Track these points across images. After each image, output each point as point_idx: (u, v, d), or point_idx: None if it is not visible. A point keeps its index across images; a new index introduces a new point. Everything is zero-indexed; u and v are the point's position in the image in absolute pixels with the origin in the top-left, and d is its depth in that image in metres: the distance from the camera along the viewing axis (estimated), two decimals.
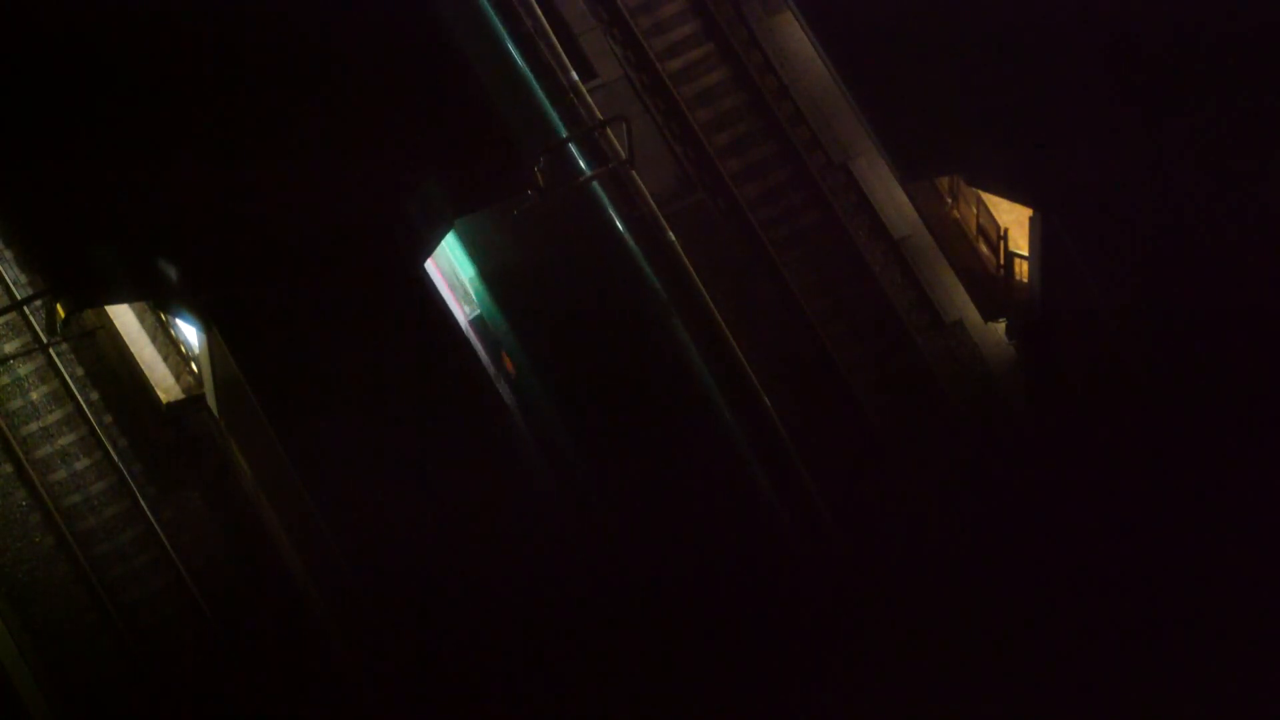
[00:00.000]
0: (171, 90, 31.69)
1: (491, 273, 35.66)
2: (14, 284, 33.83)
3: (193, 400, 33.52)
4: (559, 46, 36.74)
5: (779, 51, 37.37)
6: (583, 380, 35.45)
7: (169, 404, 33.47)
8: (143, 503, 32.77)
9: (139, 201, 30.93)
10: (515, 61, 36.44)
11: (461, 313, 35.72)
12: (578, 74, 36.73)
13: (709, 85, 37.28)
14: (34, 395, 33.30)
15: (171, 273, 30.79)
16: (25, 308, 33.14)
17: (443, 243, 35.02)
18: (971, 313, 36.18)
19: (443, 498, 30.93)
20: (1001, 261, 36.33)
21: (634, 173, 36.08)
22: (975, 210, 36.50)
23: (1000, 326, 36.12)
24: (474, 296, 35.82)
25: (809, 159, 36.82)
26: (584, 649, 33.28)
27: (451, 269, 36.03)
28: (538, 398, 35.45)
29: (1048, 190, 33.39)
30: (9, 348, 33.48)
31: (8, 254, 33.74)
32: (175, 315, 32.09)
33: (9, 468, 32.85)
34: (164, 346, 34.21)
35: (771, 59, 37.33)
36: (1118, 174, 33.32)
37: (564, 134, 35.94)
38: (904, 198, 36.67)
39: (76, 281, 31.08)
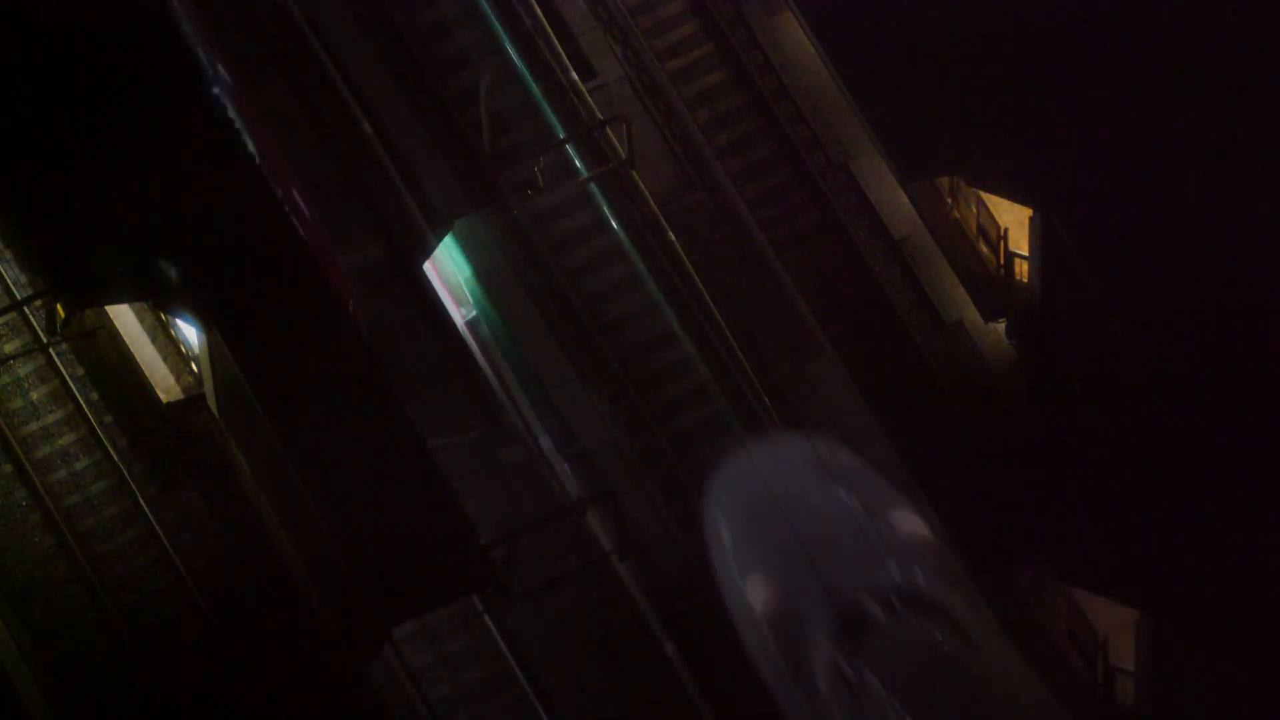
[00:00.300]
0: (171, 90, 31.66)
1: (488, 273, 35.64)
2: (14, 284, 33.76)
3: (193, 400, 33.45)
4: (559, 46, 36.72)
5: (779, 52, 37.35)
6: (579, 380, 35.46)
7: (169, 404, 33.39)
8: (143, 503, 32.68)
9: (138, 201, 30.90)
10: (515, 61, 36.42)
11: (459, 313, 35.71)
12: (578, 74, 36.71)
13: (709, 85, 37.26)
14: (34, 395, 33.22)
15: (171, 273, 30.77)
16: (25, 308, 33.07)
17: (442, 243, 35.01)
18: (971, 313, 36.16)
19: (442, 497, 30.88)
20: (1001, 261, 36.32)
21: (634, 173, 36.06)
22: (975, 210, 36.50)
23: (1000, 326, 36.10)
24: (470, 297, 35.81)
25: (809, 159, 36.79)
26: (586, 648, 33.29)
27: (450, 269, 36.02)
28: (535, 396, 35.48)
29: (1048, 190, 33.40)
30: (9, 348, 33.41)
31: (8, 254, 33.66)
32: (175, 315, 32.06)
33: (9, 468, 32.77)
34: (164, 346, 34.15)
35: (771, 59, 37.31)
36: (1118, 174, 33.33)
37: (564, 134, 35.93)
38: (904, 198, 36.64)
39: (76, 281, 31.05)
